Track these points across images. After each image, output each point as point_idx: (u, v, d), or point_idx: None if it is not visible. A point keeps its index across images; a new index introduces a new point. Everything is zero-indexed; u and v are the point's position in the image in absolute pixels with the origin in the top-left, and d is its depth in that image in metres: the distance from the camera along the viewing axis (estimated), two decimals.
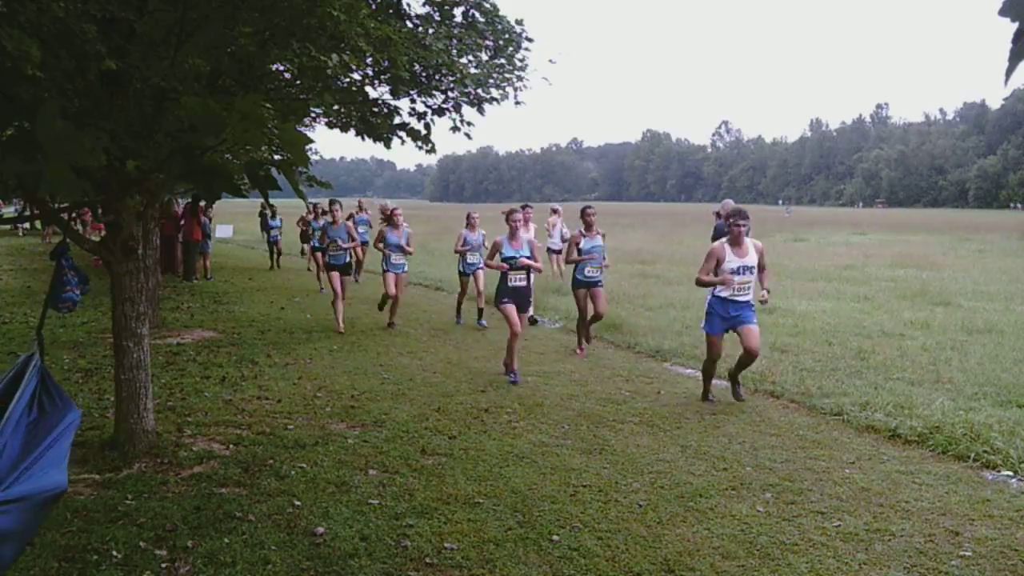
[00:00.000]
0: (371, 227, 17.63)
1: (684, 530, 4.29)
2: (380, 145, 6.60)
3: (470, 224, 11.42)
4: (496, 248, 8.10)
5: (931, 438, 5.80)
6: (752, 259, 6.81)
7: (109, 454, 5.24)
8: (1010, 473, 5.20)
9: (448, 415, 6.55)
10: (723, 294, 6.83)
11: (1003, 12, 1.29)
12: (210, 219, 18.57)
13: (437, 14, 6.31)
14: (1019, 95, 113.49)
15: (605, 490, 4.88)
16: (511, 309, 7.86)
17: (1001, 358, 8.54)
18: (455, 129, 6.65)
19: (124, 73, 4.25)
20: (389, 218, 11.01)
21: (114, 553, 3.89)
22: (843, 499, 4.75)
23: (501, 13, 6.69)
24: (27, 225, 28.09)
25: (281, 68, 6.04)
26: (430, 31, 6.10)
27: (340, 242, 10.73)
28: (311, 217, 17.34)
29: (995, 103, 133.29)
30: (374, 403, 6.89)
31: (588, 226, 9.20)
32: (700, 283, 6.91)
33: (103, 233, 5.43)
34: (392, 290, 10.72)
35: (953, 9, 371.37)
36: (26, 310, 11.63)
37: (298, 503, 4.58)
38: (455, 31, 6.35)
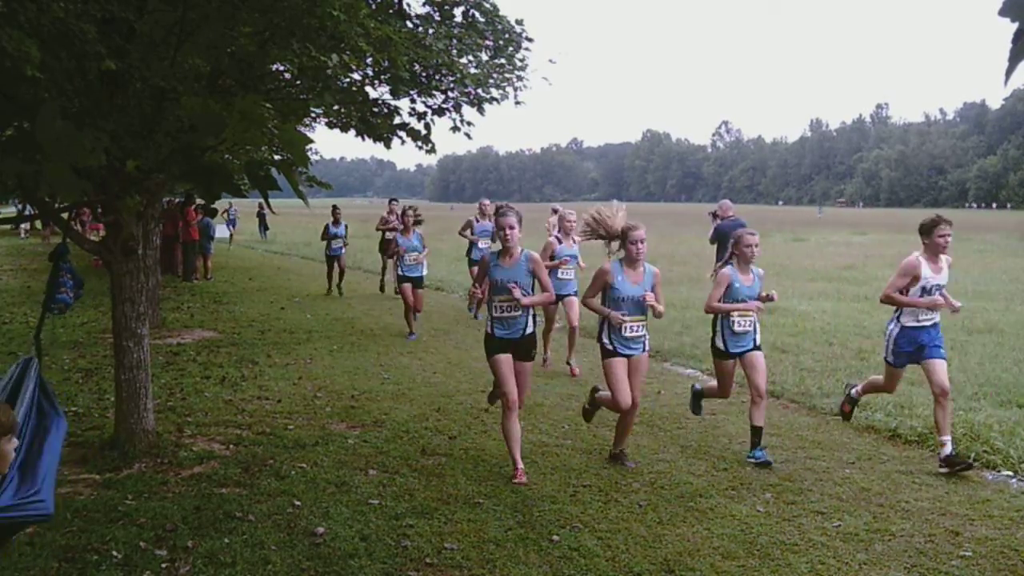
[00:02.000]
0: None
1: (684, 530, 4.29)
2: (380, 145, 6.59)
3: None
4: None
5: (931, 438, 5.79)
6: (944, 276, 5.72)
7: (109, 454, 5.24)
8: (1010, 473, 5.20)
9: (448, 415, 6.55)
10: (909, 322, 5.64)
11: (1003, 12, 1.29)
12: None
13: (437, 14, 6.31)
14: (1019, 95, 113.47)
15: (605, 490, 4.87)
16: None
17: (1001, 358, 8.54)
18: (455, 129, 6.64)
19: (124, 73, 4.25)
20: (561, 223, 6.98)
21: (114, 553, 3.89)
22: (843, 499, 4.75)
23: (501, 13, 6.69)
24: (28, 226, 28.08)
25: (281, 68, 6.03)
26: (430, 31, 6.09)
27: (518, 294, 4.97)
28: (396, 226, 12.28)
29: (995, 103, 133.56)
30: (374, 403, 6.89)
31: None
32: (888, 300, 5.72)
33: (101, 233, 5.44)
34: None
35: (953, 9, 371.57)
36: (26, 310, 11.63)
37: (298, 503, 4.58)
38: (455, 31, 6.35)
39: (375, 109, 6.38)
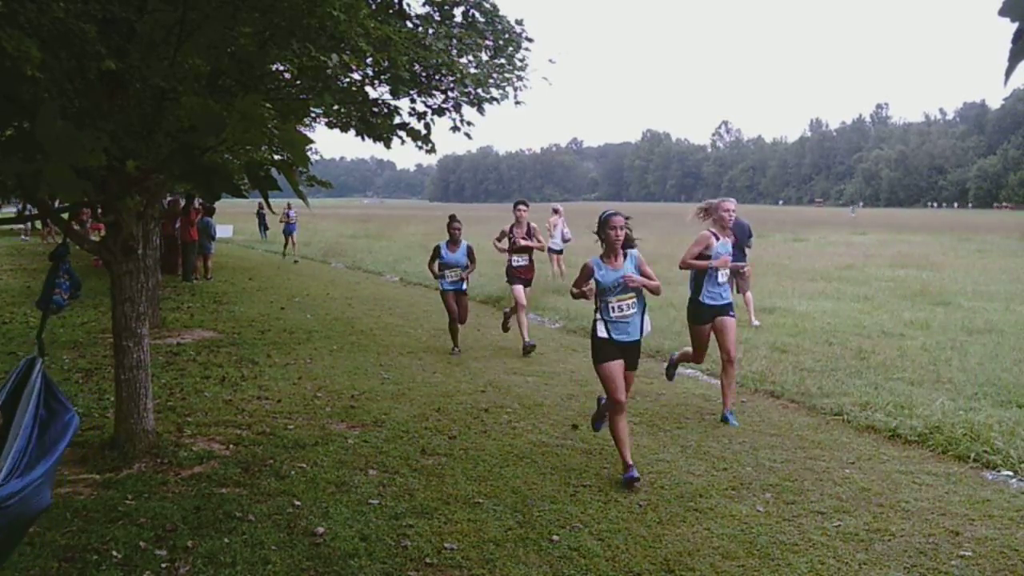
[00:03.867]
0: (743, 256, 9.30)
1: (684, 530, 4.29)
2: (380, 145, 6.59)
3: None
4: None
5: (931, 438, 5.80)
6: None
7: (109, 454, 5.24)
8: (1010, 473, 5.20)
9: (448, 415, 6.55)
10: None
11: (1003, 12, 1.29)
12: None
13: (437, 14, 6.31)
14: (1019, 95, 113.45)
15: (605, 490, 4.88)
16: None
17: (1001, 358, 8.54)
18: (455, 129, 6.64)
19: (124, 73, 4.25)
20: None
21: (114, 553, 3.89)
22: (843, 499, 4.75)
23: (501, 13, 6.69)
24: (29, 227, 28.07)
25: (281, 68, 6.03)
26: (430, 31, 6.09)
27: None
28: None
29: (995, 103, 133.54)
30: (374, 403, 6.89)
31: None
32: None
33: (102, 233, 5.44)
34: None
35: (953, 9, 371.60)
36: (26, 310, 11.63)
37: (298, 503, 4.58)
38: (455, 31, 6.35)
39: (375, 109, 6.38)
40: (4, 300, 12.85)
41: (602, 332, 5.15)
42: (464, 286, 9.31)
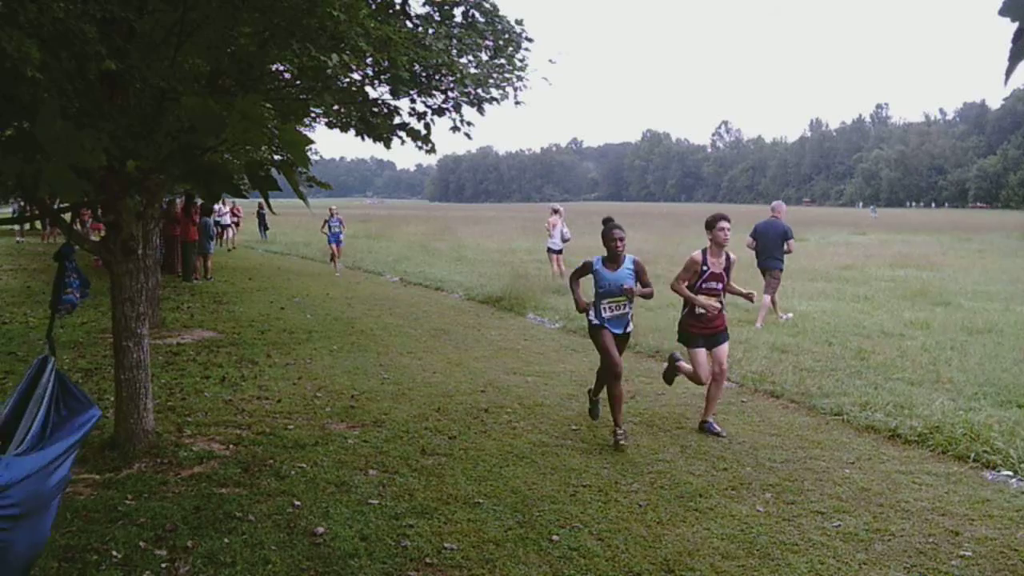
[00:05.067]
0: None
1: (684, 530, 4.30)
2: (380, 145, 6.59)
3: None
4: None
5: (931, 438, 5.80)
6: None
7: (109, 454, 5.25)
8: (1010, 473, 5.20)
9: (448, 415, 6.55)
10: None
11: (1003, 12, 1.29)
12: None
13: (437, 14, 6.31)
14: (1019, 95, 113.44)
15: (605, 490, 4.88)
16: None
17: (1001, 358, 8.54)
18: (455, 129, 6.65)
19: (124, 73, 4.25)
20: None
21: (114, 553, 3.89)
22: (843, 499, 4.75)
23: (501, 13, 6.69)
24: (27, 227, 28.04)
25: (281, 68, 6.04)
26: (430, 31, 6.10)
27: None
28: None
29: (995, 103, 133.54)
30: (374, 403, 6.89)
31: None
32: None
33: (103, 233, 5.44)
34: None
35: (953, 9, 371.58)
36: (26, 310, 11.63)
37: (298, 503, 4.58)
38: (455, 31, 6.35)
39: (375, 109, 6.38)
40: (4, 300, 12.84)
41: None
42: (631, 325, 6.13)
